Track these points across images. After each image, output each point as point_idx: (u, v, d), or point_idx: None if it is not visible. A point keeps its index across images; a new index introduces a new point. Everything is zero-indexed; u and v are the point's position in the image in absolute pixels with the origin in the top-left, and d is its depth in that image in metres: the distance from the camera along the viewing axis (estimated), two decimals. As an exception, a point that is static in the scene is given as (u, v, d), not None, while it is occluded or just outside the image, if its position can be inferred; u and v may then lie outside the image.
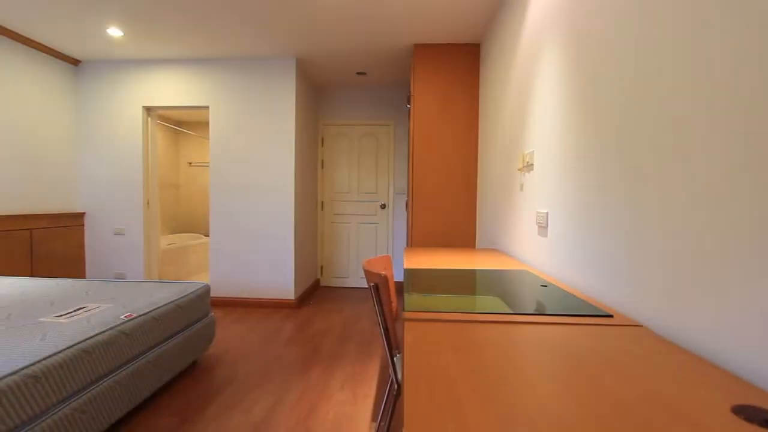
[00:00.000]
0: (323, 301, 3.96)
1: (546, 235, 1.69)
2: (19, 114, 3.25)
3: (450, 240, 3.18)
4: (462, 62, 3.14)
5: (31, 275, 3.33)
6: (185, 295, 2.20)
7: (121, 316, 1.76)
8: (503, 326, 0.95)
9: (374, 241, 4.54)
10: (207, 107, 3.72)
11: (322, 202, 4.58)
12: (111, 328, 1.65)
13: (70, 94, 3.74)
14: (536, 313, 1.05)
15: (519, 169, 2.06)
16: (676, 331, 0.89)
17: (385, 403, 1.71)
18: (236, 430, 1.74)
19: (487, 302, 1.18)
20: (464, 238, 3.17)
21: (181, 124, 6.19)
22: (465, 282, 1.47)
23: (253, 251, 3.70)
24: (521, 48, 2.09)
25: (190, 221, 6.27)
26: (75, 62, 3.74)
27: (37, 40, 3.28)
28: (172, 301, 2.08)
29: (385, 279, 1.20)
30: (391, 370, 1.35)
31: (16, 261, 3.20)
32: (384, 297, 1.22)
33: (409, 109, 3.75)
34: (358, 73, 3.97)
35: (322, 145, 4.56)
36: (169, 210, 6.02)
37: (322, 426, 1.78)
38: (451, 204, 3.17)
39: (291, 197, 3.64)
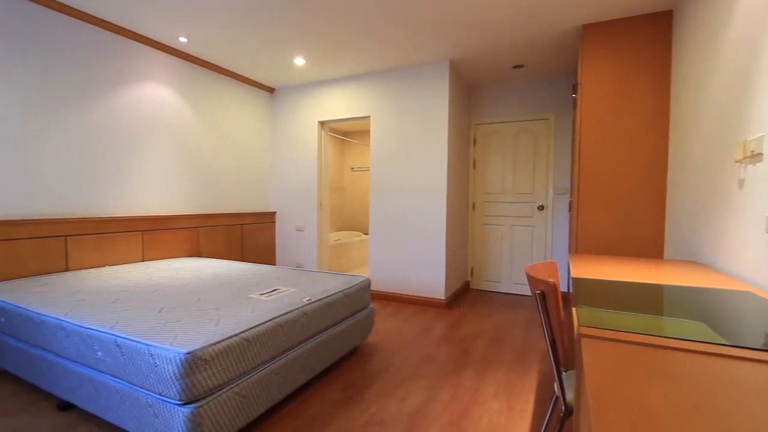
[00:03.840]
0: (474, 304, 3.89)
1: (784, 247, 1.27)
2: (236, 134, 4.20)
3: (627, 247, 2.71)
4: (645, 37, 2.64)
5: (242, 260, 4.27)
6: (351, 286, 2.46)
7: (303, 300, 2.08)
8: (717, 360, 0.75)
9: (530, 245, 4.23)
10: (368, 117, 4.09)
11: (474, 203, 4.51)
12: (297, 309, 1.96)
13: (268, 116, 4.64)
14: (775, 349, 0.79)
15: (738, 161, 1.61)
16: None
17: (548, 423, 1.56)
18: (392, 415, 1.85)
19: (687, 327, 0.95)
20: (647, 246, 2.66)
21: (346, 134, 6.99)
22: (652, 299, 1.22)
23: (407, 250, 3.89)
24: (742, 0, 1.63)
25: (352, 220, 7.02)
26: (271, 90, 4.62)
27: (248, 76, 4.17)
28: (340, 291, 2.35)
29: (554, 287, 1.09)
30: (557, 388, 1.22)
31: (232, 248, 4.14)
32: (551, 307, 1.11)
33: (574, 99, 3.37)
34: (515, 67, 3.75)
35: (474, 145, 4.49)
36: (335, 210, 6.86)
37: (475, 431, 1.74)
38: (628, 205, 2.70)
39: (443, 198, 3.69)
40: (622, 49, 2.70)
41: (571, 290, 1.83)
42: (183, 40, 3.24)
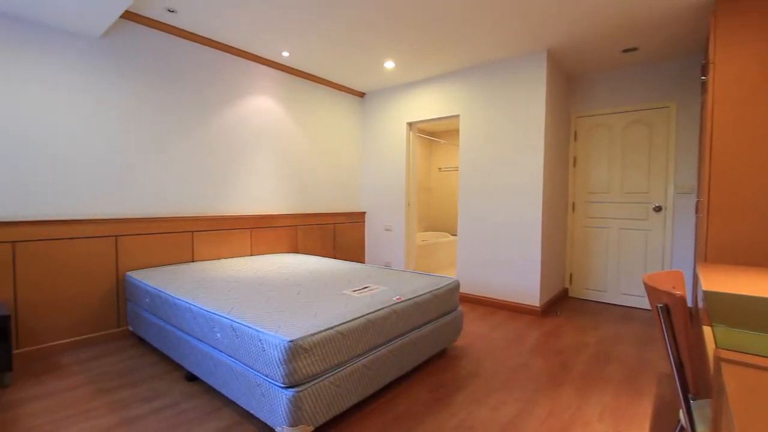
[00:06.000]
0: (573, 314, 3.56)
1: None
2: (330, 138, 4.46)
3: (777, 257, 2.23)
4: (808, -2, 2.14)
5: (334, 257, 4.51)
6: (440, 287, 2.44)
7: (393, 298, 2.11)
8: None
9: (643, 252, 3.73)
10: (458, 116, 4.01)
11: (574, 204, 4.13)
12: (387, 307, 2.01)
13: (359, 120, 4.83)
14: None
15: None
16: None
17: (667, 457, 1.36)
18: (483, 423, 1.78)
19: None
20: (807, 256, 2.15)
21: (433, 134, 6.96)
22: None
23: (498, 252, 3.73)
24: None
25: (439, 221, 6.96)
26: (361, 95, 4.81)
27: (340, 83, 4.39)
28: (429, 291, 2.34)
29: (681, 301, 0.94)
30: (683, 417, 1.05)
31: (326, 246, 4.41)
32: (678, 323, 0.96)
33: (704, 82, 2.90)
34: (625, 51, 3.34)
35: (575, 141, 4.11)
36: (422, 211, 6.87)
37: (576, 454, 1.59)
38: (780, 206, 2.22)
39: (539, 199, 3.45)
40: (772, 18, 2.23)
41: (700, 306, 1.57)
42: (285, 54, 3.54)
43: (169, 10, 2.74)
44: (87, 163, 2.65)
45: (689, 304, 3.31)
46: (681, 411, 1.08)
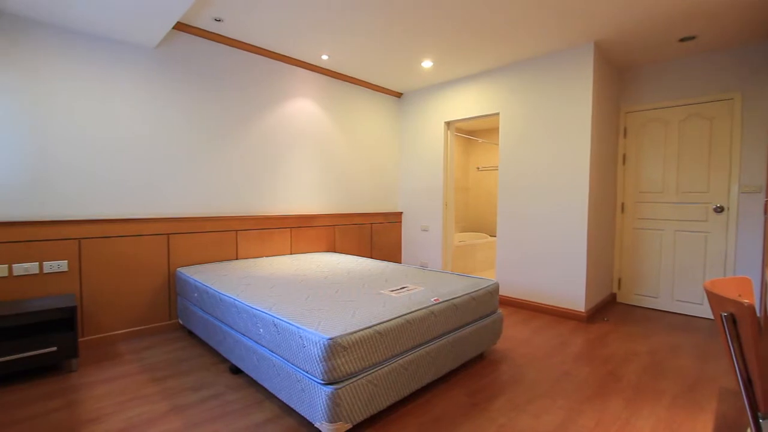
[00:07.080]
0: (622, 321, 3.37)
1: None
2: (367, 139, 4.49)
3: None
4: None
5: (371, 257, 4.54)
6: (478, 289, 2.39)
7: (431, 299, 2.09)
8: None
9: (702, 256, 3.46)
10: (497, 113, 3.91)
11: (623, 204, 3.91)
12: (425, 308, 1.99)
13: (396, 120, 4.84)
14: None
15: None
16: None
17: (731, 479, 1.25)
18: (524, 431, 1.73)
19: None
20: None
21: (471, 133, 6.83)
22: None
23: (540, 255, 3.60)
24: None
25: (477, 221, 6.83)
26: (399, 95, 4.81)
27: (378, 84, 4.42)
28: (468, 293, 2.30)
29: (750, 310, 0.85)
30: (751, 439, 0.96)
31: (363, 246, 4.45)
32: (746, 335, 0.88)
33: (774, 71, 2.65)
34: (682, 40, 3.11)
35: (625, 137, 3.88)
36: (459, 211, 6.77)
37: (626, 469, 1.50)
38: None
39: (584, 199, 3.29)
40: None
41: (770, 316, 1.43)
42: (325, 57, 3.61)
43: (216, 20, 2.87)
44: (142, 166, 2.84)
45: (757, 313, 3.03)
46: (749, 431, 0.99)
